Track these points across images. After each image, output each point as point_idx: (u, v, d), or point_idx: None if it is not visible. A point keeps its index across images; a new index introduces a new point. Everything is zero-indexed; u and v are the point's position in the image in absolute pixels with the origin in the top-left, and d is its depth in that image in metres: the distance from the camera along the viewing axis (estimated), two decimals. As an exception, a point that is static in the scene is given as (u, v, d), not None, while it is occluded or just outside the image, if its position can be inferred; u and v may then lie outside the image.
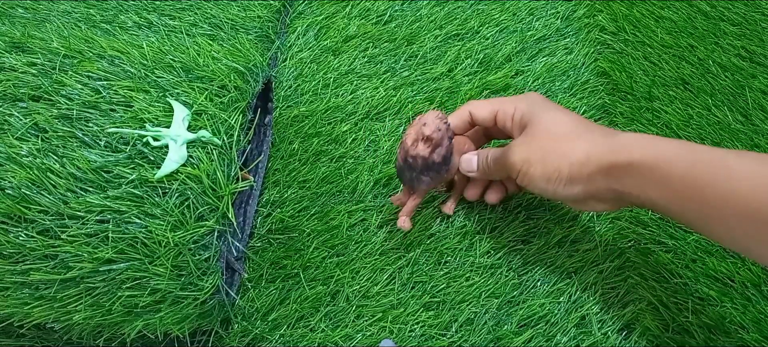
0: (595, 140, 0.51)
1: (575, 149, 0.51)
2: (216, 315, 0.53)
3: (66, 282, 0.48)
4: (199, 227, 0.48)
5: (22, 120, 0.50)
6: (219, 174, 0.49)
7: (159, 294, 0.48)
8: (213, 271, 0.49)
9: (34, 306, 0.49)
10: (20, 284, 0.48)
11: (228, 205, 0.49)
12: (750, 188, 0.41)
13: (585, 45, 0.85)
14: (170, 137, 0.49)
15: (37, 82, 0.52)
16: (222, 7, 0.80)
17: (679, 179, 0.45)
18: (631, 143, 0.49)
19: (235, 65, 0.57)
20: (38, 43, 0.56)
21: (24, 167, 0.48)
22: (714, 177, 0.43)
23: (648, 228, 0.70)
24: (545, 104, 0.57)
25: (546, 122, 0.54)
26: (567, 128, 0.53)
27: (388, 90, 0.79)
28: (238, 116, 0.53)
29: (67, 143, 0.49)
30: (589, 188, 0.51)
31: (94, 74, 0.53)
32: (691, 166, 0.45)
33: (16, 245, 0.47)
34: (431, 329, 0.63)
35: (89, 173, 0.48)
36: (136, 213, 0.47)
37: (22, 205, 0.47)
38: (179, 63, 0.56)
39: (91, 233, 0.47)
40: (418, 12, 0.88)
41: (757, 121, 0.77)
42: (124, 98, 0.52)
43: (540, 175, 0.53)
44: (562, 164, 0.52)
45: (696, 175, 0.44)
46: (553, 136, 0.53)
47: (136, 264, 0.48)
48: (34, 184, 0.48)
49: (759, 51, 0.83)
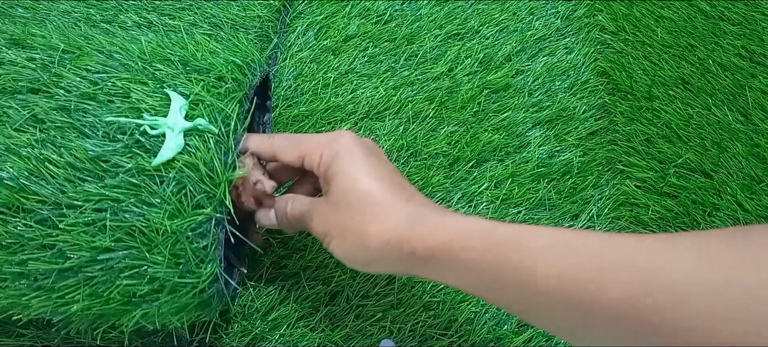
0: (398, 222, 0.46)
1: (375, 232, 0.46)
2: (215, 305, 0.52)
3: (64, 272, 0.48)
4: (197, 215, 0.48)
5: (20, 112, 0.50)
6: (216, 162, 0.49)
7: (157, 283, 0.48)
8: (211, 259, 0.49)
9: (33, 296, 0.48)
10: (18, 274, 0.48)
11: (225, 192, 0.49)
12: (544, 269, 0.39)
13: (585, 45, 0.85)
14: (167, 126, 0.49)
15: (36, 75, 0.52)
16: (222, 6, 0.80)
17: (480, 266, 0.42)
18: (433, 229, 0.45)
19: (233, 59, 0.57)
20: (38, 40, 0.56)
21: (22, 157, 0.48)
22: (509, 260, 0.40)
23: (648, 228, 0.70)
24: (349, 159, 0.50)
25: (347, 187, 0.49)
26: (366, 199, 0.48)
27: (388, 90, 0.79)
28: (235, 106, 0.53)
29: (64, 134, 0.49)
30: (391, 269, 0.48)
31: (93, 67, 0.54)
32: (491, 251, 0.41)
33: (14, 235, 0.47)
34: (431, 329, 0.63)
35: (87, 162, 0.48)
36: (133, 202, 0.47)
37: (20, 195, 0.47)
38: (177, 57, 0.56)
39: (88, 222, 0.47)
40: (418, 12, 0.88)
41: (757, 121, 0.77)
42: (121, 90, 0.52)
43: (340, 253, 0.49)
44: (362, 248, 0.47)
45: (497, 261, 0.41)
46: (354, 208, 0.48)
47: (134, 252, 0.47)
48: (32, 174, 0.48)
49: (759, 51, 0.83)
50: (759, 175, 0.74)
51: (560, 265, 0.38)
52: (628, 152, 0.76)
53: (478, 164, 0.75)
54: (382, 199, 0.47)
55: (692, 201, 0.73)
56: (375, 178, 0.49)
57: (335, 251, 0.49)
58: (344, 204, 0.48)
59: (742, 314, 0.31)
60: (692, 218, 0.72)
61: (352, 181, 0.49)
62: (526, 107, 0.79)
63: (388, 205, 0.47)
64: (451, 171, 0.74)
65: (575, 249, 0.38)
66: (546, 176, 0.74)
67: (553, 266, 0.38)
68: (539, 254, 0.39)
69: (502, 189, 0.72)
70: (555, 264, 0.38)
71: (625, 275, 0.35)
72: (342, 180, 0.49)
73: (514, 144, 0.76)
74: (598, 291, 0.36)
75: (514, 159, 0.75)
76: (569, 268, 0.38)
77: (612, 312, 0.36)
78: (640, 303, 0.34)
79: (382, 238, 0.46)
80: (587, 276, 0.37)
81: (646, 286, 0.34)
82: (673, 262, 0.34)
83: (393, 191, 0.48)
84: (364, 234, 0.47)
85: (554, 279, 0.38)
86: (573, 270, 0.37)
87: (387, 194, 0.48)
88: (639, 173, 0.75)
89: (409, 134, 0.76)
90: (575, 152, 0.76)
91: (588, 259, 0.37)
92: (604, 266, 0.36)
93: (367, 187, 0.48)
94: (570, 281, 0.37)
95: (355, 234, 0.47)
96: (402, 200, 0.48)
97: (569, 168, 0.75)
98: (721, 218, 0.72)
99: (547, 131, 0.78)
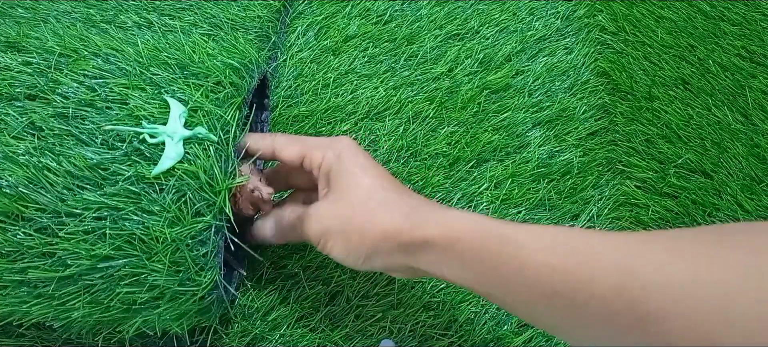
0: (395, 214, 0.48)
1: (374, 224, 0.48)
2: (215, 311, 0.53)
3: (64, 280, 0.48)
4: (196, 223, 0.48)
5: (18, 119, 0.50)
6: (216, 170, 0.49)
7: (157, 290, 0.48)
8: (211, 267, 0.49)
9: (33, 304, 0.49)
10: (19, 282, 0.48)
11: (225, 200, 0.49)
12: (538, 263, 0.40)
13: (585, 45, 0.85)
14: (167, 134, 0.49)
15: (33, 81, 0.52)
16: (222, 7, 0.80)
17: (473, 258, 0.43)
18: (429, 220, 0.46)
19: (231, 61, 0.57)
20: (34, 43, 0.56)
21: (21, 165, 0.48)
22: (504, 253, 0.41)
23: (648, 228, 0.70)
24: (352, 159, 0.52)
25: (351, 184, 0.51)
26: (368, 195, 0.50)
27: (388, 90, 0.79)
28: (234, 112, 0.53)
29: (63, 141, 0.49)
30: (387, 262, 0.49)
31: (90, 72, 0.53)
32: (482, 243, 0.43)
33: (14, 243, 0.47)
34: (431, 329, 0.63)
35: (86, 170, 0.48)
36: (133, 210, 0.47)
37: (19, 203, 0.47)
38: (174, 60, 0.56)
39: (88, 230, 0.47)
40: (418, 12, 0.88)
41: (757, 121, 0.77)
42: (119, 96, 0.52)
43: (339, 251, 0.50)
44: (361, 242, 0.49)
45: (488, 253, 0.42)
46: (353, 205, 0.50)
47: (134, 260, 0.47)
48: (31, 182, 0.47)
49: (759, 51, 0.83)
50: (759, 175, 0.74)
51: (553, 260, 0.39)
52: (628, 152, 0.76)
53: (478, 165, 0.75)
54: (385, 194, 0.49)
55: (692, 201, 0.73)
56: (377, 176, 0.51)
57: (334, 249, 0.50)
58: (347, 201, 0.50)
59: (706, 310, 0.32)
60: (692, 218, 0.72)
61: (356, 178, 0.51)
62: (526, 107, 0.79)
63: (390, 200, 0.49)
64: (451, 171, 0.74)
65: (569, 245, 0.39)
66: (546, 176, 0.74)
67: (546, 261, 0.39)
68: (533, 248, 0.40)
69: (502, 189, 0.72)
70: (545, 256, 0.39)
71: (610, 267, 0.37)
72: (345, 178, 0.51)
73: (514, 144, 0.76)
74: (586, 280, 0.37)
75: (514, 159, 0.75)
76: (562, 263, 0.39)
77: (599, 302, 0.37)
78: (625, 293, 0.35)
79: (383, 226, 0.47)
80: (580, 270, 0.38)
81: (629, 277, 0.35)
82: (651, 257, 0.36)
83: (393, 188, 0.50)
84: (365, 229, 0.48)
85: (545, 271, 0.39)
86: (565, 265, 0.38)
87: (388, 190, 0.50)
88: (639, 174, 0.75)
89: (409, 134, 0.76)
90: (575, 153, 0.76)
91: (581, 254, 0.38)
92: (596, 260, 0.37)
93: (369, 184, 0.50)
94: (562, 275, 0.38)
95: (356, 228, 0.49)
96: (401, 196, 0.50)
97: (569, 168, 0.75)
98: (721, 218, 0.72)
99: (547, 132, 0.78)
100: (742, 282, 0.32)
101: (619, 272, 0.36)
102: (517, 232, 0.42)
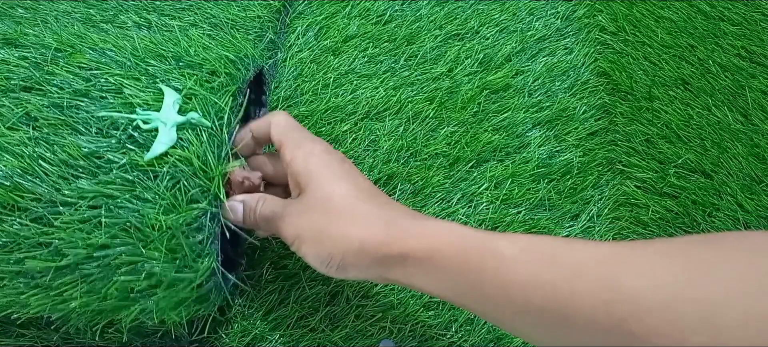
0: (372, 227, 0.46)
1: (349, 234, 0.46)
2: (213, 299, 0.52)
3: (61, 269, 0.48)
4: (192, 209, 0.48)
5: (13, 110, 0.50)
6: (209, 156, 0.49)
7: (155, 278, 0.48)
8: (208, 253, 0.49)
9: (31, 295, 0.48)
10: (16, 273, 0.48)
11: (219, 186, 0.49)
12: (519, 274, 0.39)
13: (585, 45, 0.85)
14: (160, 121, 0.49)
15: (29, 73, 0.53)
16: (222, 7, 0.80)
17: (452, 270, 0.42)
18: (409, 233, 0.45)
19: (226, 53, 0.57)
20: (31, 39, 0.56)
21: (16, 156, 0.48)
22: (484, 264, 0.41)
23: (648, 228, 0.70)
24: (326, 162, 0.51)
25: (323, 192, 0.49)
26: (344, 203, 0.48)
27: (388, 90, 0.79)
28: (228, 99, 0.53)
29: (58, 131, 0.49)
30: (362, 274, 0.48)
31: (85, 64, 0.54)
32: (462, 254, 0.42)
33: (10, 233, 0.47)
34: (431, 329, 0.63)
35: (80, 159, 0.48)
36: (128, 198, 0.47)
37: (14, 193, 0.47)
38: (170, 53, 0.56)
39: (84, 219, 0.47)
40: (418, 12, 0.88)
41: (757, 121, 0.77)
42: (114, 86, 0.52)
43: (312, 256, 0.48)
44: (335, 251, 0.47)
45: (468, 266, 0.41)
46: (328, 211, 0.48)
47: (131, 248, 0.47)
48: (26, 172, 0.48)
49: (759, 51, 0.83)
50: (759, 175, 0.74)
51: (538, 275, 0.38)
52: (628, 152, 0.76)
53: (478, 165, 0.75)
54: (359, 204, 0.48)
55: (692, 202, 0.72)
56: (351, 184, 0.49)
57: (307, 255, 0.49)
58: (320, 208, 0.48)
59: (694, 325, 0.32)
60: (692, 218, 0.72)
61: (328, 186, 0.49)
62: (526, 107, 0.79)
63: (365, 210, 0.48)
64: (451, 171, 0.74)
65: (555, 259, 0.39)
66: (546, 176, 0.74)
67: (527, 271, 0.39)
68: (514, 260, 0.40)
69: (502, 189, 0.72)
70: (529, 269, 0.39)
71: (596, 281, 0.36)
72: (317, 185, 0.49)
73: (514, 144, 0.76)
74: (572, 295, 0.37)
75: (514, 159, 0.75)
76: (547, 278, 0.38)
77: (585, 318, 0.36)
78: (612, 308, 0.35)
79: (359, 237, 0.46)
80: (566, 286, 0.37)
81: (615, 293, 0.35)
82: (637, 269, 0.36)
83: (369, 197, 0.49)
84: (339, 238, 0.47)
85: (530, 285, 0.38)
86: (550, 280, 0.38)
87: (363, 199, 0.48)
88: (639, 174, 0.74)
89: (409, 134, 0.76)
90: (575, 153, 0.76)
91: (566, 269, 0.38)
92: (582, 275, 0.37)
93: (344, 192, 0.48)
94: (543, 286, 0.38)
95: (330, 237, 0.47)
96: (378, 205, 0.48)
97: (569, 168, 0.74)
98: (721, 218, 0.72)
99: (547, 132, 0.77)
100: (730, 295, 0.32)
101: (606, 287, 0.36)
102: (503, 243, 0.41)
